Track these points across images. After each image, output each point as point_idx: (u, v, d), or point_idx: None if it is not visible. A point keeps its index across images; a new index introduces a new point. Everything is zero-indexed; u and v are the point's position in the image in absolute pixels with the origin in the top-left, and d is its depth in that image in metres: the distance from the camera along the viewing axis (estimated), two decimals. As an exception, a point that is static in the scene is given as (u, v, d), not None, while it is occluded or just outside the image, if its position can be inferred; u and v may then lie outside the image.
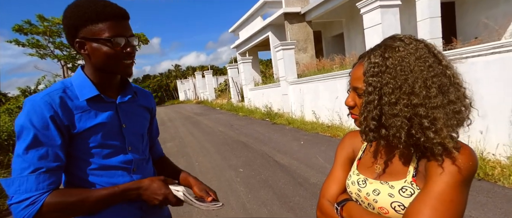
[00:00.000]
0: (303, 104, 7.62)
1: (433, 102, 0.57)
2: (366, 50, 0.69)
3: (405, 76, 0.59)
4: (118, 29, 0.79)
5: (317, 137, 5.72)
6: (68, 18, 0.78)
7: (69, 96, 0.80)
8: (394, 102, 0.59)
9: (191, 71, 38.68)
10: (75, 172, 0.82)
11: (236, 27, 15.94)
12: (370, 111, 0.62)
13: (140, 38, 24.44)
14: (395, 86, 0.59)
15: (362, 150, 0.81)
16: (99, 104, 0.84)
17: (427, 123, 0.57)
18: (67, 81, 0.84)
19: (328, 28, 12.81)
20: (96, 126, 0.82)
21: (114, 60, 0.80)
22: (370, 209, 0.69)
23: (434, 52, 0.62)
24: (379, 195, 0.66)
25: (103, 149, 0.83)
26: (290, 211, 2.68)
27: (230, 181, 3.68)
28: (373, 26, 4.92)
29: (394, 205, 0.64)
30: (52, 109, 0.75)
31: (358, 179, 0.74)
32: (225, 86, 19.70)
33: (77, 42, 0.79)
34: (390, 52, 0.62)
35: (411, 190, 0.63)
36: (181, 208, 2.99)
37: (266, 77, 13.35)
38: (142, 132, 0.96)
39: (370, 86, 0.62)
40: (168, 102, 37.93)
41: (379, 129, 0.63)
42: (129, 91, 0.93)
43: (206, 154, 5.34)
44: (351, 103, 0.70)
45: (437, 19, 5.36)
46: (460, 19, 7.98)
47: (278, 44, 8.30)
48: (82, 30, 0.78)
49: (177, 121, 11.63)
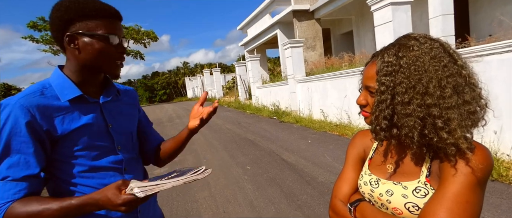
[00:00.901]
0: (311, 103, 7.58)
1: (447, 103, 0.57)
2: (380, 49, 0.68)
3: (419, 76, 0.58)
4: (114, 28, 0.80)
5: (325, 135, 5.68)
6: (63, 11, 0.76)
7: (48, 97, 0.76)
8: (407, 102, 0.59)
9: (199, 68, 38.86)
10: (64, 177, 0.79)
11: (245, 25, 15.92)
12: (382, 110, 0.62)
13: (149, 35, 24.87)
14: (408, 86, 0.59)
15: (373, 150, 0.80)
16: (82, 105, 0.81)
17: (440, 123, 0.57)
18: (45, 82, 0.80)
19: (337, 25, 12.66)
20: (81, 127, 0.79)
21: (106, 57, 0.80)
22: (383, 209, 0.69)
23: (450, 52, 0.61)
24: (392, 195, 0.66)
25: (91, 150, 0.81)
26: (298, 209, 2.67)
27: (238, 179, 3.70)
28: (384, 24, 4.84)
29: (408, 206, 0.63)
30: (29, 112, 0.71)
31: (370, 179, 0.74)
32: (233, 84, 19.75)
33: (67, 36, 0.76)
34: (404, 51, 0.61)
35: (425, 191, 0.62)
36: (187, 203, 3.03)
37: (274, 75, 13.32)
38: (130, 130, 0.94)
39: (383, 86, 0.62)
40: (176, 99, 38.27)
41: (390, 128, 0.63)
42: (112, 90, 0.91)
43: (213, 151, 5.38)
44: (363, 102, 0.70)
45: (450, 16, 5.24)
46: (473, 16, 7.77)
47: (287, 42, 8.26)
48: (77, 24, 0.76)
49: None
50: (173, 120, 11.61)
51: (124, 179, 0.81)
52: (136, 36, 24.25)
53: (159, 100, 41.00)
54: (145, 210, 0.94)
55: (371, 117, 0.66)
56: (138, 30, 24.46)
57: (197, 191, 3.40)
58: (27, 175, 0.71)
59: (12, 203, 0.68)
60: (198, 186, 3.58)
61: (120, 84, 1.01)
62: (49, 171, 0.80)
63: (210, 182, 3.68)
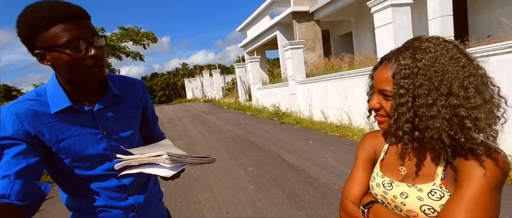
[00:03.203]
0: (312, 104, 7.60)
1: (472, 103, 0.57)
2: (390, 52, 0.68)
3: (441, 77, 0.58)
4: (74, 32, 0.69)
5: (326, 136, 5.70)
6: (20, 30, 0.69)
7: (40, 105, 0.75)
8: (431, 103, 0.58)
9: (199, 70, 38.91)
10: (66, 182, 0.80)
11: (244, 26, 15.96)
12: (403, 113, 0.61)
13: (149, 36, 24.86)
14: (430, 87, 0.58)
15: (384, 151, 0.79)
16: (72, 115, 0.78)
17: (469, 123, 0.57)
18: (42, 89, 0.79)
19: (336, 27, 12.71)
20: (69, 138, 0.77)
21: (78, 67, 0.72)
22: (397, 211, 0.69)
23: (464, 52, 0.61)
24: (407, 198, 0.66)
25: (83, 161, 0.79)
26: (301, 210, 2.69)
27: (240, 180, 3.71)
28: (384, 25, 4.87)
29: (424, 209, 0.63)
30: (17, 118, 0.70)
31: (383, 181, 0.73)
32: (233, 85, 19.76)
33: (37, 54, 0.71)
34: (421, 53, 0.61)
35: (440, 193, 0.62)
36: (190, 204, 3.04)
37: (274, 77, 13.34)
38: (128, 135, 0.90)
39: (402, 89, 0.61)
40: (175, 100, 38.26)
41: (413, 131, 0.62)
42: (108, 96, 0.85)
43: (215, 152, 5.38)
44: (377, 106, 0.69)
45: (449, 18, 5.28)
46: (472, 17, 7.82)
47: (287, 44, 8.29)
48: (36, 40, 0.69)
49: (186, 119, 11.73)
50: (173, 121, 11.61)
51: None
52: (136, 37, 24.23)
53: (158, 101, 40.97)
54: (144, 211, 0.93)
55: (389, 120, 0.66)
56: (137, 32, 24.45)
57: (200, 192, 3.41)
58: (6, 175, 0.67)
59: None
60: (201, 187, 3.59)
61: (126, 77, 0.96)
62: (55, 174, 0.82)
63: (212, 183, 3.69)
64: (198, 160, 0.76)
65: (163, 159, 0.68)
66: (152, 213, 0.98)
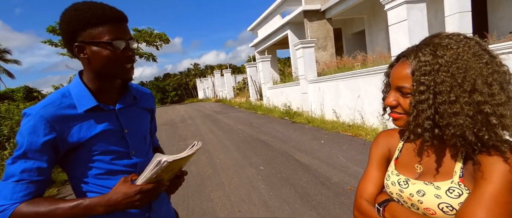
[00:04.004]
0: (323, 103, 7.53)
1: (497, 100, 0.56)
2: (408, 49, 0.68)
3: (464, 74, 0.58)
4: (118, 33, 0.79)
5: (338, 136, 5.64)
6: (67, 22, 0.77)
7: (67, 106, 0.79)
8: (453, 100, 0.58)
9: (210, 70, 39.24)
10: (82, 178, 0.84)
11: (255, 26, 15.98)
12: (423, 110, 0.61)
13: (161, 37, 25.31)
14: (453, 84, 0.58)
15: (399, 149, 0.79)
16: (98, 113, 0.83)
17: (494, 120, 0.56)
18: (66, 90, 0.83)
19: (348, 25, 12.53)
20: (97, 135, 0.82)
21: (115, 64, 0.80)
22: (413, 209, 0.69)
23: (487, 49, 0.61)
24: (424, 196, 0.66)
25: (107, 155, 0.84)
26: (313, 210, 2.67)
27: (251, 179, 3.73)
28: (398, 23, 4.77)
29: (442, 207, 0.63)
30: (48, 123, 0.75)
31: (399, 179, 0.73)
32: (244, 85, 19.83)
33: (76, 47, 0.78)
34: (442, 50, 0.60)
35: (459, 191, 0.62)
36: (202, 202, 3.08)
37: (285, 76, 13.31)
38: (144, 134, 0.97)
39: (422, 85, 0.60)
40: (187, 100, 38.76)
41: (433, 128, 0.62)
42: (129, 96, 0.93)
43: (226, 151, 5.43)
44: (393, 103, 0.68)
45: (467, 14, 5.11)
46: (492, 13, 7.53)
47: (298, 43, 8.24)
48: (81, 34, 0.77)
49: (197, 119, 11.87)
50: (185, 121, 11.77)
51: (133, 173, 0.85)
52: (149, 39, 24.72)
53: (171, 101, 41.60)
54: (157, 209, 0.96)
55: (407, 117, 0.65)
56: (150, 33, 24.93)
57: (212, 191, 3.45)
58: (39, 179, 0.76)
59: (20, 204, 0.73)
60: (213, 185, 3.63)
61: (140, 86, 1.03)
62: (70, 172, 0.85)
63: (224, 181, 3.73)
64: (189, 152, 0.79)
65: (162, 162, 0.74)
66: (163, 212, 1.01)
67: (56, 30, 19.63)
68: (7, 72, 30.50)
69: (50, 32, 19.65)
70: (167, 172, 0.80)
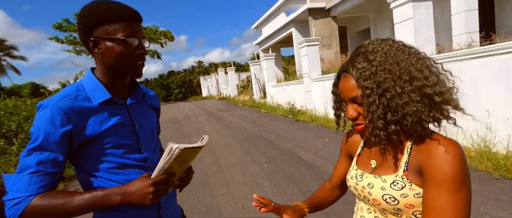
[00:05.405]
0: (327, 102, 7.51)
1: (431, 81, 0.63)
2: (344, 64, 0.73)
3: (398, 67, 0.64)
4: (132, 30, 0.82)
5: (342, 134, 5.62)
6: (86, 17, 0.81)
7: (82, 99, 0.82)
8: (400, 92, 0.63)
9: (214, 67, 39.25)
10: (93, 172, 0.85)
11: (259, 24, 15.94)
12: (373, 111, 0.65)
13: (166, 35, 25.38)
14: (394, 78, 0.63)
15: (361, 146, 0.87)
16: (111, 107, 0.86)
17: (437, 98, 0.63)
18: (79, 84, 0.86)
19: (353, 23, 12.45)
20: (111, 128, 0.84)
21: (127, 60, 0.83)
22: (365, 201, 0.77)
23: (404, 43, 0.69)
24: (373, 188, 0.72)
25: (119, 148, 0.86)
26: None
27: (255, 176, 3.75)
28: (404, 21, 4.74)
29: (386, 198, 0.69)
30: (65, 115, 0.77)
31: (356, 173, 0.80)
32: (248, 83, 19.83)
33: (91, 41, 0.82)
34: (371, 54, 0.66)
35: (402, 184, 0.67)
36: (207, 199, 3.11)
37: (289, 74, 13.28)
38: (152, 131, 1.00)
39: (367, 90, 0.65)
40: (191, 98, 38.85)
41: (386, 126, 0.65)
42: (138, 92, 0.96)
43: (230, 149, 5.46)
44: (354, 115, 0.70)
45: (474, 12, 5.05)
46: (499, 12, 7.42)
47: (303, 41, 8.22)
48: (98, 29, 0.80)
49: (201, 117, 11.92)
50: (189, 118, 11.83)
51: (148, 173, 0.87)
52: (154, 36, 24.81)
53: (175, 99, 41.79)
54: (166, 205, 0.98)
55: (367, 124, 0.68)
56: (155, 30, 25.02)
57: (216, 187, 3.48)
58: (54, 171, 0.77)
59: (35, 196, 0.74)
60: (217, 182, 3.66)
61: (144, 87, 1.06)
62: (81, 166, 0.86)
63: (228, 178, 3.76)
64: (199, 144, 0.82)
65: (174, 148, 0.76)
66: (171, 208, 1.03)
67: (62, 27, 19.79)
68: (14, 68, 30.90)
69: (56, 29, 19.84)
70: (179, 164, 0.82)
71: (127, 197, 0.79)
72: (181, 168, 0.86)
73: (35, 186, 0.75)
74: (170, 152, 0.75)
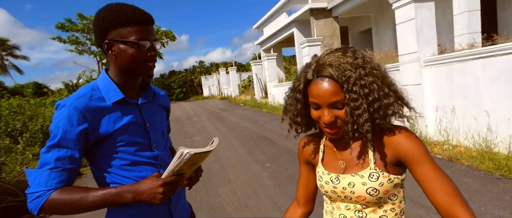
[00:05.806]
0: (329, 102, 7.52)
1: (395, 81, 0.76)
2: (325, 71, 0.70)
3: (377, 71, 0.71)
4: (145, 33, 0.85)
5: (344, 134, 5.65)
6: (100, 21, 0.84)
7: (97, 99, 0.85)
8: (387, 93, 0.71)
9: (215, 67, 39.29)
10: (107, 168, 0.88)
11: (261, 24, 15.96)
12: (359, 115, 0.68)
13: (168, 35, 25.45)
14: (377, 82, 0.70)
15: (322, 151, 0.87)
16: (124, 106, 0.90)
17: (404, 98, 0.75)
18: (94, 84, 0.89)
19: (355, 23, 12.45)
20: (124, 126, 0.88)
21: (139, 61, 0.86)
22: (347, 200, 0.79)
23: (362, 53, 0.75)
24: (354, 186, 0.76)
25: (131, 146, 0.89)
26: (319, 206, 2.71)
27: (257, 175, 3.78)
28: (406, 22, 4.75)
29: (369, 191, 0.74)
30: (81, 113, 0.81)
31: (330, 177, 0.81)
32: (249, 83, 19.86)
33: (106, 44, 0.85)
34: (351, 65, 0.69)
35: (376, 175, 0.74)
36: (210, 197, 3.14)
37: (290, 74, 13.30)
38: (163, 129, 1.03)
39: (355, 94, 0.67)
40: (192, 97, 38.93)
41: (370, 125, 0.69)
42: (149, 92, 1.00)
43: (232, 148, 5.49)
44: (333, 119, 0.71)
45: (476, 13, 5.06)
46: (502, 12, 7.42)
47: (304, 41, 8.25)
48: (112, 32, 0.84)
49: (203, 116, 11.96)
50: (191, 118, 11.87)
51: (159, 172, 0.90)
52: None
53: (176, 98, 41.83)
54: (176, 201, 1.02)
55: (345, 127, 0.71)
56: (157, 30, 25.09)
57: (219, 186, 3.52)
58: (71, 168, 0.81)
59: (54, 191, 0.78)
60: (220, 181, 3.69)
61: (155, 87, 1.09)
62: (95, 162, 0.90)
63: (231, 178, 3.79)
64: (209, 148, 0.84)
65: (185, 153, 0.78)
66: (181, 204, 1.07)
67: (65, 27, 19.85)
68: (16, 68, 31.03)
69: (59, 29, 19.91)
70: (188, 167, 0.85)
71: (138, 196, 0.82)
72: (190, 170, 0.90)
73: (54, 180, 0.78)
74: (181, 156, 0.78)
